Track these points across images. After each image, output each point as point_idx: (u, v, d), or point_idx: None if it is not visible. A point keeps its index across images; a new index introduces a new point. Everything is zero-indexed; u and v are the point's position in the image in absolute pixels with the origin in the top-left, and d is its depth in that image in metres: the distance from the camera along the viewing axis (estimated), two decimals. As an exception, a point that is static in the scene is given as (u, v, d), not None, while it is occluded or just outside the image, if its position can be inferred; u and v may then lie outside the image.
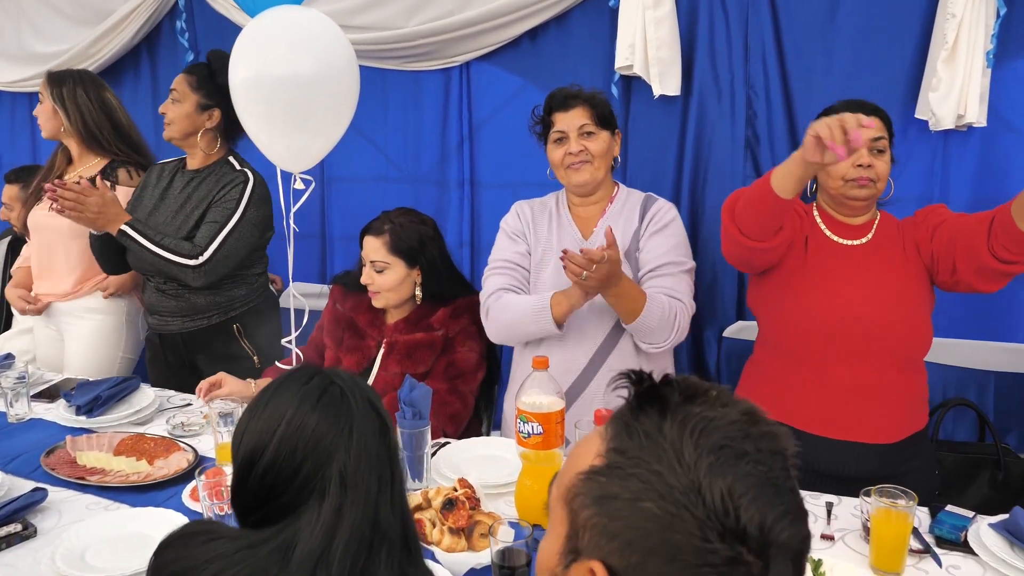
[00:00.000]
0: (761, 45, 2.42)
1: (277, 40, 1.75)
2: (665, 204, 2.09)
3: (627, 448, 0.69)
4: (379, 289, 2.13)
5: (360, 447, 1.04)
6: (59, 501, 1.76)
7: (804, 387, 1.88)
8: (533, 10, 2.61)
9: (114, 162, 2.65)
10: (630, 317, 1.89)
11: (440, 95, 2.90)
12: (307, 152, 1.82)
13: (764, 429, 0.71)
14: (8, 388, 2.15)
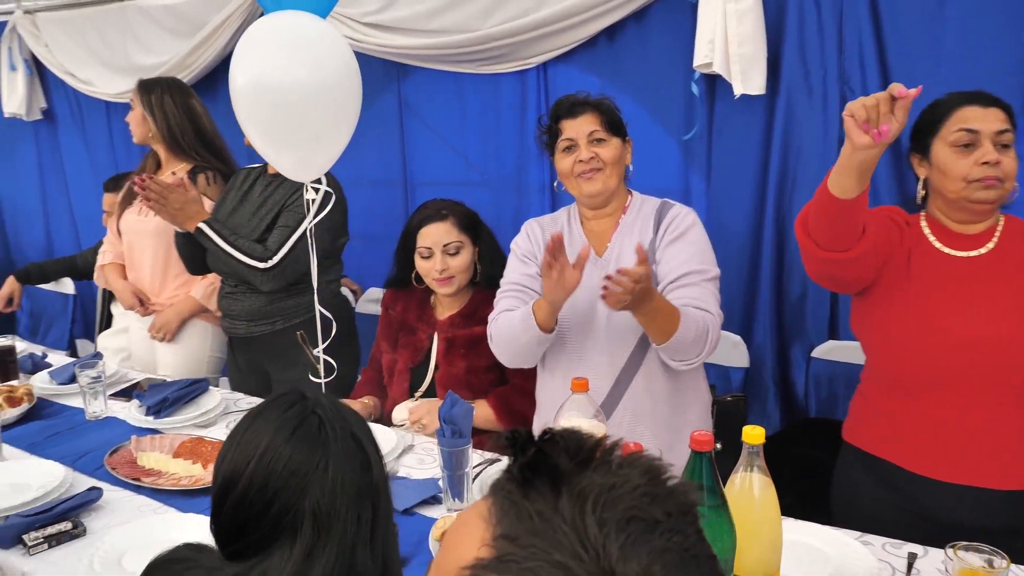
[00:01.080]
0: (858, 36, 2.22)
1: (275, 46, 1.71)
2: (683, 210, 1.94)
3: (518, 535, 0.58)
4: (454, 272, 2.17)
5: (336, 483, 0.97)
6: (114, 501, 1.79)
7: (912, 422, 1.66)
8: (610, 7, 2.50)
9: (196, 168, 2.71)
10: (663, 336, 1.73)
11: (517, 98, 2.83)
12: (313, 161, 1.77)
13: (669, 487, 0.61)
14: (85, 387, 2.23)
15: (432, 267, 2.16)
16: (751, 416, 2.52)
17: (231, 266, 2.39)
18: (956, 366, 1.59)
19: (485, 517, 0.61)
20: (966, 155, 1.59)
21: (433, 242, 2.16)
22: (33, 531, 1.61)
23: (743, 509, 1.21)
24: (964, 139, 1.59)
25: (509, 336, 1.89)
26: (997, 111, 1.59)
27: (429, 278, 2.19)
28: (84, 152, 4.13)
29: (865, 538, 1.53)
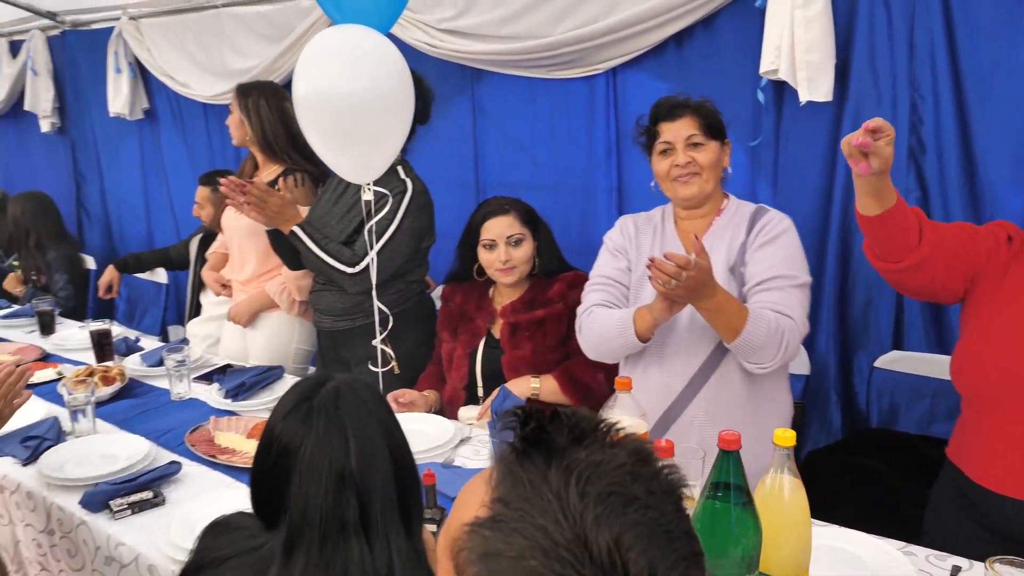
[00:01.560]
0: (929, 43, 2.18)
1: (330, 58, 1.81)
2: (777, 215, 1.93)
3: (511, 499, 0.65)
4: (517, 263, 2.29)
5: (312, 468, 1.02)
6: (191, 475, 1.93)
7: (983, 435, 1.64)
8: (678, 13, 2.52)
9: (288, 169, 2.84)
10: (731, 335, 1.75)
11: (586, 102, 2.88)
12: (369, 164, 1.87)
13: (654, 468, 0.67)
14: (171, 369, 2.39)
15: (496, 258, 2.28)
16: (812, 423, 2.51)
17: (321, 268, 2.50)
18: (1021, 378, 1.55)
19: (487, 481, 0.68)
20: None
21: (497, 234, 2.28)
22: (119, 498, 1.77)
23: (773, 509, 1.24)
24: None
25: (602, 335, 1.92)
26: None
27: (492, 268, 2.31)
28: (184, 149, 4.36)
29: (909, 548, 1.52)
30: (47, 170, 5.14)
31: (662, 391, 1.89)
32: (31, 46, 4.71)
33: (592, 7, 2.69)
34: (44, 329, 3.07)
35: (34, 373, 1.99)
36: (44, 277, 3.83)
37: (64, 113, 4.87)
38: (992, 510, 1.62)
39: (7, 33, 4.94)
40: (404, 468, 1.09)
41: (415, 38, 3.12)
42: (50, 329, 3.08)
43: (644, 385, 1.89)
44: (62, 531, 1.81)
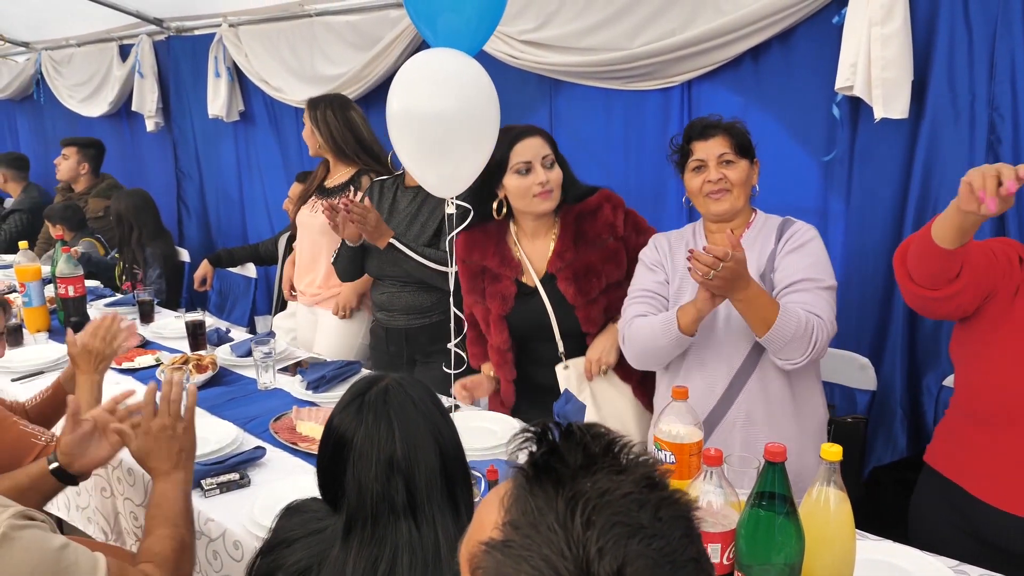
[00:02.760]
0: (1010, 62, 2.16)
1: (423, 79, 1.93)
2: (804, 226, 1.99)
3: (520, 524, 0.67)
4: (554, 186, 2.17)
5: (364, 457, 1.15)
6: (274, 459, 2.08)
7: (993, 455, 1.67)
8: (755, 28, 2.55)
9: (360, 171, 3.04)
10: (763, 327, 1.80)
11: (661, 114, 2.93)
12: (455, 179, 1.97)
13: (662, 495, 0.68)
14: (259, 360, 2.56)
15: (533, 181, 2.14)
16: (876, 440, 2.50)
17: (422, 273, 2.61)
18: None
19: (502, 500, 0.70)
20: None
21: (533, 155, 2.15)
22: (209, 478, 1.92)
23: (817, 520, 1.28)
24: None
25: (646, 338, 1.98)
26: None
27: (528, 196, 2.16)
28: (277, 150, 4.58)
29: (961, 567, 1.54)
30: (153, 166, 5.48)
31: (705, 394, 1.95)
32: (139, 50, 5.02)
33: (669, 21, 2.74)
34: (144, 317, 3.30)
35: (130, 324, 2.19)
36: (141, 271, 4.10)
37: (167, 113, 5.17)
38: (991, 525, 1.65)
39: (117, 38, 5.27)
40: (452, 459, 1.20)
41: (497, 49, 3.22)
42: (149, 317, 3.31)
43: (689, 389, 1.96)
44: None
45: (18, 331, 3.06)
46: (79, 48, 5.63)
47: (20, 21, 5.68)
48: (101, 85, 5.49)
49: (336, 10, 3.90)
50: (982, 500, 1.67)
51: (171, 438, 1.57)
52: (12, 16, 5.58)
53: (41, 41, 5.95)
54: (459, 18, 1.87)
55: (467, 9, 1.87)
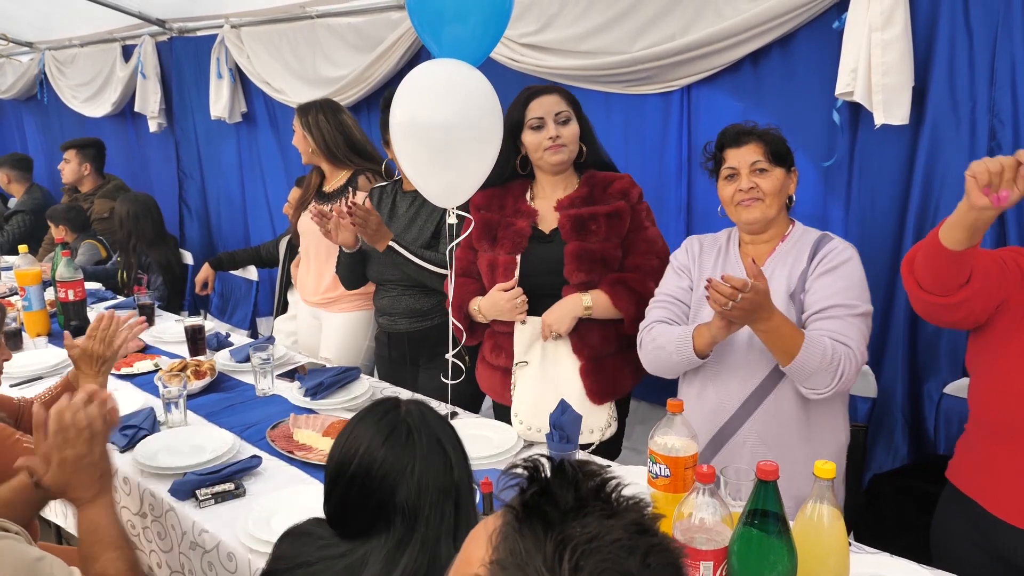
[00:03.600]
0: (1011, 67, 2.14)
1: (427, 89, 1.92)
2: (841, 243, 1.93)
3: (507, 565, 0.67)
4: (566, 141, 2.22)
5: (422, 484, 1.15)
6: (270, 468, 2.07)
7: (1010, 471, 1.65)
8: (756, 32, 2.53)
9: (356, 172, 3.05)
10: (786, 358, 1.78)
11: (660, 118, 2.91)
12: (457, 189, 1.96)
13: (651, 541, 0.68)
14: (257, 367, 2.56)
15: (544, 136, 2.21)
16: (877, 447, 2.49)
17: (415, 276, 2.63)
18: None
19: (489, 538, 0.70)
20: None
21: (545, 111, 2.21)
22: (204, 488, 1.92)
23: (811, 537, 1.27)
24: None
25: (661, 351, 1.98)
26: None
27: (540, 150, 2.22)
28: (278, 152, 4.59)
29: (950, 578, 1.53)
30: (155, 167, 5.50)
31: (716, 410, 1.93)
32: (141, 51, 5.03)
33: (669, 26, 2.73)
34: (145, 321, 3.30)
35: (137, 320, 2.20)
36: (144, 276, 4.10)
37: (170, 114, 5.18)
38: (1010, 544, 1.62)
39: (120, 38, 5.28)
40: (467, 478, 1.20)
41: (498, 52, 3.20)
42: (150, 321, 3.31)
43: (699, 404, 1.94)
44: (153, 515, 1.98)
45: (17, 335, 3.06)
46: (82, 48, 5.65)
47: (24, 21, 5.69)
48: (104, 86, 5.50)
49: (338, 12, 3.89)
50: (1000, 518, 1.64)
51: (90, 465, 1.46)
52: (16, 16, 5.59)
53: (45, 41, 5.96)
54: (464, 29, 1.86)
55: (472, 20, 1.85)
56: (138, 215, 4.09)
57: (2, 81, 6.63)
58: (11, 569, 1.17)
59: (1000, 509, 1.66)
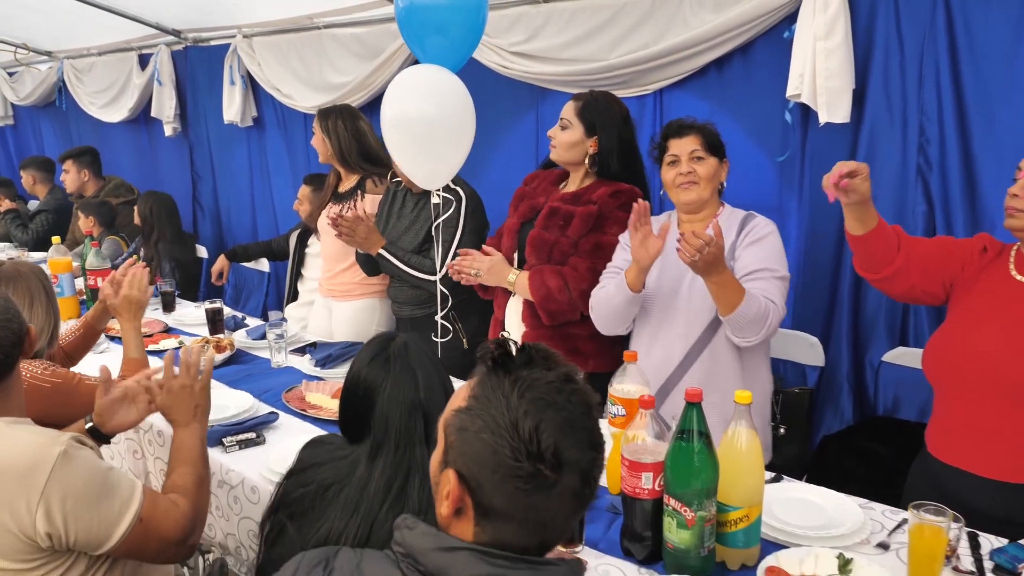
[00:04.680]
0: (935, 71, 2.43)
1: (411, 90, 2.24)
2: (763, 220, 2.24)
3: (480, 396, 0.98)
4: (556, 144, 2.49)
5: (392, 399, 1.44)
6: (286, 424, 2.36)
7: (947, 418, 1.92)
8: (718, 41, 2.83)
9: (364, 177, 3.33)
10: (728, 308, 2.06)
11: (636, 119, 3.19)
12: (438, 173, 2.28)
13: (574, 387, 0.99)
14: (272, 342, 2.85)
15: (552, 131, 2.52)
16: (826, 411, 2.78)
17: (408, 280, 2.95)
18: (971, 370, 1.82)
19: (471, 384, 1.02)
20: None
21: (562, 114, 2.51)
22: (229, 436, 2.21)
23: (732, 453, 1.56)
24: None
25: (605, 299, 2.28)
26: None
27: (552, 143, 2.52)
28: (286, 154, 4.88)
29: (869, 504, 1.82)
30: (170, 169, 5.79)
31: (662, 364, 2.23)
32: (157, 60, 5.33)
33: (643, 35, 3.03)
34: (166, 307, 3.61)
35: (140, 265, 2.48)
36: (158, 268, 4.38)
37: (184, 119, 5.48)
38: (951, 484, 1.88)
39: (137, 48, 5.58)
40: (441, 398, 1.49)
41: (490, 59, 3.51)
42: (171, 307, 3.61)
43: (648, 359, 2.24)
44: (185, 461, 2.27)
45: (53, 318, 3.35)
46: (100, 57, 5.94)
47: (44, 31, 5.98)
48: (121, 92, 5.80)
49: (343, 23, 4.19)
50: (936, 457, 1.91)
51: (189, 395, 1.81)
52: (36, 26, 5.87)
53: (63, 50, 6.25)
54: (444, 40, 2.18)
55: (451, 33, 2.18)
56: (161, 212, 4.35)
57: (21, 89, 6.94)
58: (88, 473, 1.45)
59: (947, 456, 1.90)
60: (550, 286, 2.41)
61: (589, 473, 0.98)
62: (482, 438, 0.95)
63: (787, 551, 1.62)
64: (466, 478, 0.97)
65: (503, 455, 0.94)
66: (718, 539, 1.58)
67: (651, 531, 1.61)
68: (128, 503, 1.47)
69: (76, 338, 2.55)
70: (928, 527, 1.52)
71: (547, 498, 0.95)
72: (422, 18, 2.18)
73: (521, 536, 0.96)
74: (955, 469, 1.88)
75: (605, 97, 2.54)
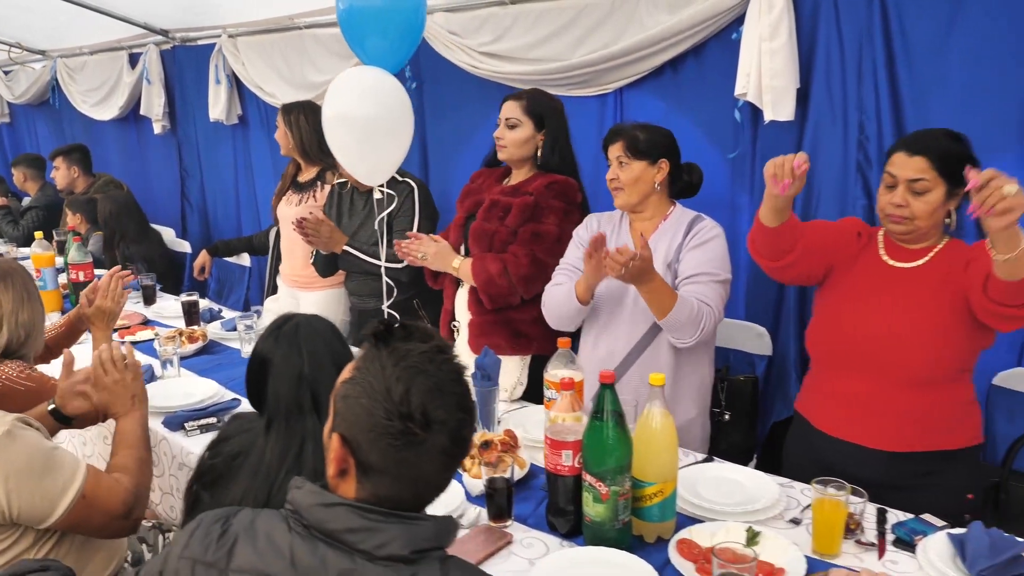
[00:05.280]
0: (873, 70, 2.53)
1: (350, 90, 2.34)
2: (709, 223, 2.30)
3: (362, 367, 1.09)
4: (507, 144, 2.57)
5: (279, 373, 1.55)
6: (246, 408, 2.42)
7: (825, 390, 2.07)
8: (672, 42, 2.92)
9: (324, 168, 3.47)
10: (661, 313, 2.15)
11: (597, 117, 3.30)
12: (378, 169, 2.38)
13: (444, 358, 1.10)
14: (242, 332, 2.96)
15: (496, 134, 2.59)
16: (775, 399, 2.87)
17: (375, 271, 3.03)
18: (852, 349, 1.98)
19: (359, 354, 1.13)
20: (887, 193, 1.94)
21: (502, 115, 2.59)
22: (191, 421, 2.32)
23: (647, 431, 1.66)
24: (888, 181, 1.93)
25: (556, 304, 2.37)
26: (919, 160, 1.87)
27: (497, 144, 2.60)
28: (268, 152, 4.99)
29: (789, 483, 1.92)
30: (159, 166, 5.90)
31: (607, 357, 2.32)
32: (146, 59, 5.43)
33: (603, 36, 3.12)
34: (147, 300, 3.71)
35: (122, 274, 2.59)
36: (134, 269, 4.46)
37: (173, 117, 5.59)
38: (828, 452, 2.02)
39: (127, 47, 5.68)
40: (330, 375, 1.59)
41: (460, 59, 3.61)
42: (152, 300, 3.72)
43: (594, 353, 2.34)
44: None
45: (36, 310, 3.46)
46: (92, 56, 6.05)
47: (38, 31, 6.09)
48: (112, 91, 5.90)
49: (323, 23, 4.28)
50: (821, 430, 2.05)
51: (124, 388, 1.90)
52: (30, 26, 5.99)
53: (57, 49, 6.36)
54: (383, 42, 2.28)
55: (390, 35, 2.28)
56: (119, 213, 4.42)
57: (16, 87, 7.05)
58: (31, 452, 1.55)
59: (820, 423, 2.06)
60: (490, 271, 2.50)
61: (458, 433, 1.08)
62: (360, 403, 1.06)
63: (701, 525, 1.72)
64: (347, 440, 1.07)
65: (378, 416, 1.04)
66: (635, 513, 1.69)
67: (573, 506, 1.71)
68: (71, 480, 1.58)
69: (58, 334, 2.64)
70: (828, 501, 1.63)
71: (417, 454, 1.05)
72: (362, 21, 2.29)
73: (396, 489, 1.07)
74: (831, 438, 2.03)
75: (543, 93, 2.65)
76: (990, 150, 2.34)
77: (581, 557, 1.62)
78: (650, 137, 2.31)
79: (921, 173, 1.87)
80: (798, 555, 1.60)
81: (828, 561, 1.62)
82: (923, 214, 1.90)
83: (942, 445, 1.95)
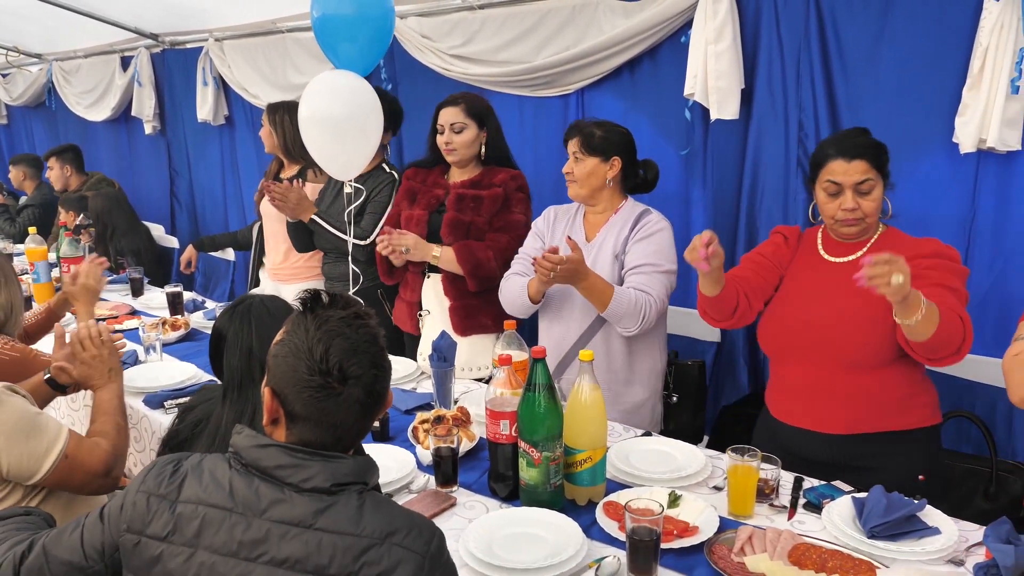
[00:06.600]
0: (810, 72, 2.69)
1: (323, 92, 2.53)
2: (655, 217, 2.44)
3: (291, 330, 1.24)
4: (457, 147, 2.74)
5: (232, 345, 1.72)
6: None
7: (778, 383, 2.21)
8: (627, 45, 3.09)
9: (305, 166, 3.59)
10: (601, 306, 2.31)
11: (560, 117, 3.47)
12: (349, 165, 2.56)
13: (361, 323, 1.26)
14: (222, 321, 3.12)
15: (443, 140, 2.74)
16: (725, 384, 3.04)
17: (337, 244, 3.18)
18: (795, 338, 2.10)
19: (290, 320, 1.28)
20: (833, 200, 2.04)
21: (444, 121, 2.75)
22: (170, 400, 2.48)
23: (579, 404, 1.81)
24: (831, 189, 2.03)
25: (511, 295, 2.54)
26: (859, 163, 1.98)
27: (442, 148, 2.76)
28: (254, 151, 5.15)
29: (718, 455, 2.07)
30: (149, 165, 6.07)
31: (560, 342, 2.48)
32: (137, 62, 5.60)
33: (565, 39, 3.29)
34: (135, 292, 3.88)
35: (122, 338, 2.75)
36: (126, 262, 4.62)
37: (163, 118, 5.75)
38: (787, 438, 2.15)
39: (119, 50, 5.85)
40: None
41: (431, 62, 3.77)
42: (139, 292, 3.88)
43: (548, 337, 2.50)
44: (131, 423, 2.54)
45: (28, 302, 3.63)
46: (85, 59, 6.22)
47: (34, 35, 6.26)
48: (105, 93, 6.07)
49: (305, 27, 4.43)
50: (774, 417, 2.19)
51: (101, 362, 2.06)
52: (26, 31, 6.16)
53: (52, 53, 6.53)
54: (354, 47, 2.45)
55: (360, 41, 2.46)
56: (109, 209, 4.59)
57: (13, 89, 7.23)
58: (18, 415, 1.71)
59: (773, 410, 2.20)
60: (479, 257, 2.67)
61: (371, 387, 1.25)
62: (288, 361, 1.22)
63: (628, 489, 1.88)
64: (277, 392, 1.24)
65: (301, 372, 1.21)
66: (568, 478, 1.85)
67: (511, 472, 1.87)
68: (55, 441, 1.74)
69: (38, 320, 2.82)
70: (741, 467, 1.78)
71: (336, 404, 1.22)
72: (334, 28, 2.46)
73: (318, 434, 1.24)
74: (787, 425, 2.16)
75: (474, 95, 2.83)
76: (918, 147, 2.52)
77: (515, 516, 1.78)
78: (605, 135, 2.45)
79: (865, 174, 1.99)
80: (713, 515, 1.75)
81: (741, 521, 1.78)
82: (872, 211, 2.03)
83: (893, 426, 2.04)
